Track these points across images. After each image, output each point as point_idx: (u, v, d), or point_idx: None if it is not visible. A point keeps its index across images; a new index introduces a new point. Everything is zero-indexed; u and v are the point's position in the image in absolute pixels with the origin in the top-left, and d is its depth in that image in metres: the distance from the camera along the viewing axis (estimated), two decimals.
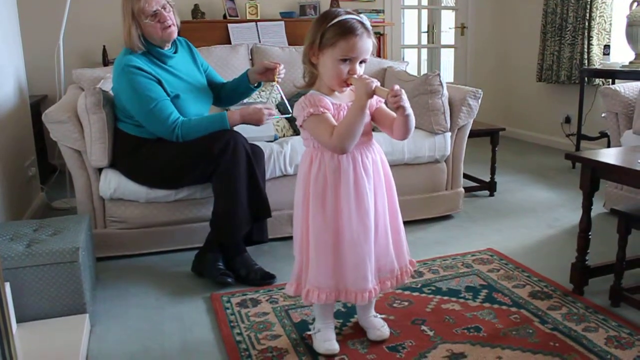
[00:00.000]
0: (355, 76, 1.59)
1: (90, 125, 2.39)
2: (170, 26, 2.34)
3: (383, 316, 1.91)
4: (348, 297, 1.69)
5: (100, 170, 2.50)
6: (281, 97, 2.71)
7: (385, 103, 1.70)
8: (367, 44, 1.59)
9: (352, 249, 1.65)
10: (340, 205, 1.64)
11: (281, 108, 3.05)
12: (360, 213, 1.64)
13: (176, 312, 2.08)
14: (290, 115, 2.64)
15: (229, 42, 4.19)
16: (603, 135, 4.07)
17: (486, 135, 3.51)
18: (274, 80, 2.46)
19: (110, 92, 2.52)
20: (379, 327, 1.84)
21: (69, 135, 2.43)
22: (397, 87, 1.53)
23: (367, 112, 1.67)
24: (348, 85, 1.62)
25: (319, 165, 1.65)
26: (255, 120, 2.39)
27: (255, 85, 2.59)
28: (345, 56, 1.57)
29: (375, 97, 1.60)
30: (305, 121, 1.62)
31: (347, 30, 1.55)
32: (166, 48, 2.41)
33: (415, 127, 1.72)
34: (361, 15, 1.62)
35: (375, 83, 1.55)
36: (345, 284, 1.68)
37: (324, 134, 1.59)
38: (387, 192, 1.74)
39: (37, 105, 3.83)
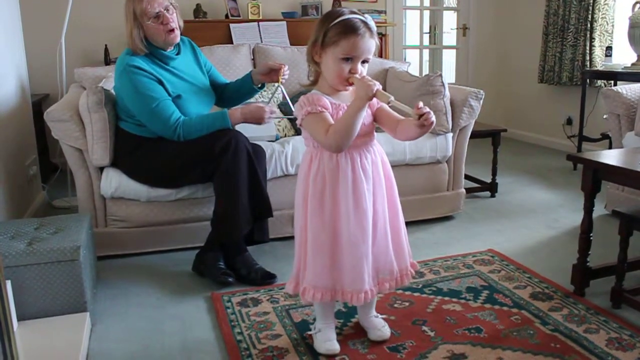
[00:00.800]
0: (358, 76, 1.59)
1: (92, 124, 2.39)
2: (173, 30, 2.33)
3: (384, 316, 1.91)
4: (344, 298, 1.69)
5: (101, 169, 2.50)
6: (284, 97, 2.71)
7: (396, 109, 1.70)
8: (369, 43, 1.59)
9: (350, 250, 1.65)
10: (338, 205, 1.64)
11: (283, 108, 3.05)
12: (358, 214, 1.64)
13: (177, 311, 2.08)
14: (293, 116, 2.64)
15: (231, 42, 4.19)
16: (605, 137, 4.07)
17: (488, 136, 3.51)
18: (278, 81, 2.45)
19: (112, 91, 2.52)
20: (379, 327, 1.84)
21: (70, 133, 2.43)
22: (421, 103, 1.53)
23: (369, 111, 1.67)
24: (350, 85, 1.61)
25: (318, 164, 1.65)
26: (257, 118, 2.39)
27: (259, 86, 2.59)
28: (346, 55, 1.57)
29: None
30: (304, 120, 1.63)
31: (349, 29, 1.55)
32: (169, 50, 2.41)
33: None
34: (366, 15, 1.62)
35: (377, 87, 1.54)
36: (342, 284, 1.68)
37: (319, 132, 1.59)
38: (387, 194, 1.74)
39: (39, 104, 3.84)
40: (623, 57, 4.13)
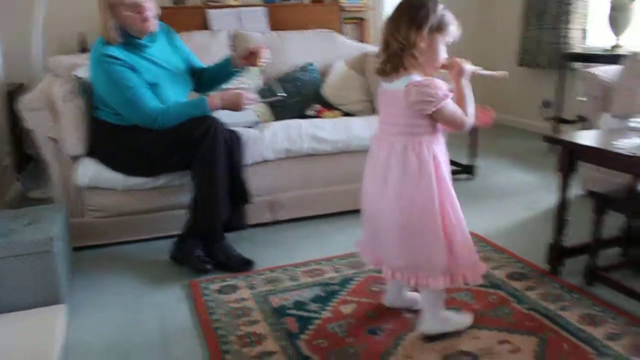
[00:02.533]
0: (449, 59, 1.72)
1: (66, 113, 2.35)
2: (149, 19, 2.29)
3: (368, 300, 1.92)
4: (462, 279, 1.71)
5: (76, 158, 2.46)
6: (276, 94, 2.68)
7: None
8: None
9: (466, 232, 1.72)
10: (449, 185, 1.73)
11: (272, 90, 2.94)
12: (452, 196, 1.74)
13: (155, 300, 2.07)
14: (272, 99, 2.60)
15: (210, 28, 4.13)
16: (581, 119, 4.10)
17: None
18: (256, 65, 2.43)
19: (88, 80, 2.48)
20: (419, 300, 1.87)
21: (44, 123, 2.39)
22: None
23: None
24: (444, 68, 1.75)
25: (434, 149, 1.73)
26: (235, 105, 2.37)
27: (238, 70, 2.56)
28: (451, 40, 1.70)
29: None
30: (446, 105, 1.66)
31: (452, 17, 1.68)
32: (144, 38, 2.37)
33: None
34: None
35: (470, 67, 1.76)
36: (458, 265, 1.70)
37: (460, 113, 1.71)
38: None
39: (14, 93, 3.76)
40: (601, 39, 4.15)
